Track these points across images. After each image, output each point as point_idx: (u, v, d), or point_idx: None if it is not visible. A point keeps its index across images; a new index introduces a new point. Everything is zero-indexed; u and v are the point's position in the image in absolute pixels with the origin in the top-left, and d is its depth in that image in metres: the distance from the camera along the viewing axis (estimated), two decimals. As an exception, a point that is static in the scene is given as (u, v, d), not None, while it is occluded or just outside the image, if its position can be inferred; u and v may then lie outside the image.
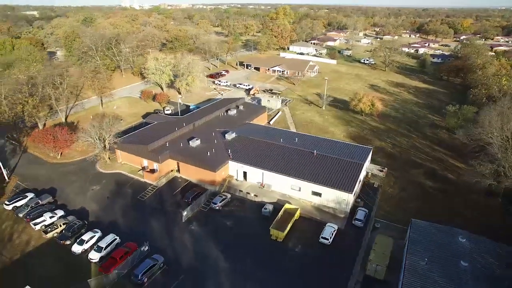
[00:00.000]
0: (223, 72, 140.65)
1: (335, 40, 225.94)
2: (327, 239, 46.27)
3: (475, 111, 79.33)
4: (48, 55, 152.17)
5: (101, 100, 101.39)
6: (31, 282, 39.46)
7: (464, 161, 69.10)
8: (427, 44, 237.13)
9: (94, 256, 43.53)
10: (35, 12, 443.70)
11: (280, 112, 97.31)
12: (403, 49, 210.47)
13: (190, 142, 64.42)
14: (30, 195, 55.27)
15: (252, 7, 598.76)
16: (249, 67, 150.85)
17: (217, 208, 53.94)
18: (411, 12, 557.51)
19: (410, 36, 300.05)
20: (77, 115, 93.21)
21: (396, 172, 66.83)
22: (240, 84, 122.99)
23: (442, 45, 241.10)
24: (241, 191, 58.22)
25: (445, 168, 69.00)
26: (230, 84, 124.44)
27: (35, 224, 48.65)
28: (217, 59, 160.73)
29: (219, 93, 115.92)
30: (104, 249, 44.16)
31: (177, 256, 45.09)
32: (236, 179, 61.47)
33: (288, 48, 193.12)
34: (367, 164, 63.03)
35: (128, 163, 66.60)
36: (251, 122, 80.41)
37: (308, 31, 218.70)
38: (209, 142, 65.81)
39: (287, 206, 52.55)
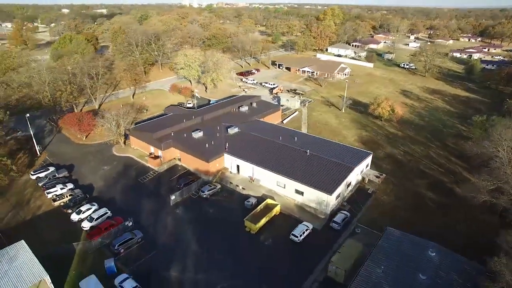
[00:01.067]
0: (253, 71, 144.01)
1: (378, 42, 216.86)
2: (297, 237, 47.11)
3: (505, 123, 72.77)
4: (101, 49, 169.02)
5: (135, 91, 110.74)
6: (32, 239, 46.28)
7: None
8: (485, 49, 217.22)
9: (86, 225, 49.55)
10: (104, 10, 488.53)
11: (296, 112, 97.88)
12: (454, 54, 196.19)
13: (193, 133, 68.73)
14: (52, 169, 63.77)
15: (308, 7, 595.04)
16: (280, 67, 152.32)
17: (204, 196, 57.36)
18: (483, 13, 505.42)
19: (469, 40, 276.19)
20: (110, 103, 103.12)
21: (397, 180, 64.52)
22: (266, 83, 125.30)
23: (506, 50, 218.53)
24: (231, 183, 61.00)
25: (455, 181, 64.72)
26: (257, 83, 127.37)
27: (48, 193, 56.43)
28: (253, 58, 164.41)
29: (243, 90, 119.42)
30: (95, 220, 49.99)
31: (156, 234, 49.38)
32: (230, 172, 64.38)
33: (327, 50, 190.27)
34: (363, 168, 61.98)
35: (139, 149, 72.95)
36: (261, 119, 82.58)
37: (351, 32, 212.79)
38: (211, 135, 69.51)
39: (268, 201, 54.15)
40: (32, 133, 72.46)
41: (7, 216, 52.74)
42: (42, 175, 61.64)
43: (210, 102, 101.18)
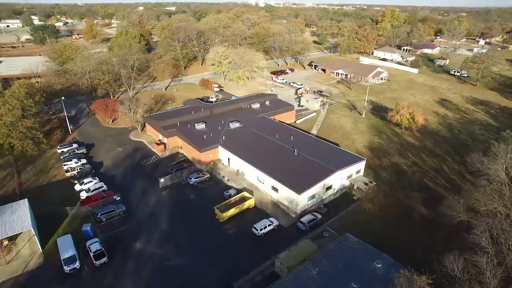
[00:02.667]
0: (287, 71, 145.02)
1: (434, 47, 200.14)
2: (257, 230, 48.74)
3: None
4: (155, 44, 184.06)
5: (169, 84, 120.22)
6: (40, 200, 55.34)
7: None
8: None
9: (83, 194, 57.22)
10: (173, 8, 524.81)
11: (314, 114, 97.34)
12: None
13: (196, 124, 73.57)
14: (75, 145, 73.87)
15: (378, 8, 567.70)
16: (317, 68, 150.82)
17: (191, 183, 61.68)
18: None
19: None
20: (144, 93, 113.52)
21: (391, 191, 61.76)
22: (294, 83, 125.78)
23: None
24: (219, 174, 64.42)
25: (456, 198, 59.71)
26: (285, 82, 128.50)
27: (64, 165, 65.85)
28: (293, 58, 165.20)
29: (270, 89, 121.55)
30: (91, 192, 57.41)
31: (137, 210, 55.01)
32: (222, 164, 67.77)
33: (372, 53, 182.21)
34: (352, 173, 60.55)
35: (152, 135, 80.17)
36: (271, 117, 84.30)
37: (404, 35, 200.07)
38: (213, 127, 73.61)
39: (244, 194, 56.37)
40: (65, 114, 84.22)
41: (30, 180, 63.15)
42: (65, 149, 71.80)
43: (231, 98, 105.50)
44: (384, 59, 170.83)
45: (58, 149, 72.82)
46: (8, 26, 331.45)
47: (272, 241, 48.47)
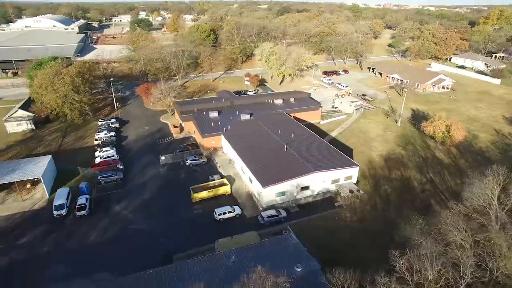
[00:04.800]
0: (340, 72, 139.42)
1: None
2: (216, 214, 50.88)
3: None
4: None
5: (220, 75, 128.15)
6: (66, 159, 67.38)
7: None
8: None
9: (97, 160, 67.33)
10: (265, 6, 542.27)
11: (344, 116, 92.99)
12: None
13: (210, 113, 78.30)
14: (112, 120, 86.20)
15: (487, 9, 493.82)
16: (374, 71, 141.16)
17: (187, 164, 66.74)
18: None
19: None
20: (193, 82, 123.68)
21: (383, 206, 56.62)
22: (339, 84, 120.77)
23: None
24: (215, 160, 67.99)
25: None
26: (332, 83, 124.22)
27: (96, 135, 77.87)
28: (354, 59, 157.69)
29: (314, 88, 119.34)
30: (104, 158, 67.16)
31: (132, 180, 62.43)
32: (222, 152, 71.09)
33: (449, 59, 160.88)
34: (338, 178, 57.50)
35: (178, 119, 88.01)
36: (292, 114, 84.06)
37: (502, 40, 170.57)
38: (225, 117, 77.36)
39: (223, 180, 58.83)
40: (114, 94, 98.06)
41: (68, 142, 76.77)
42: (103, 123, 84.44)
43: (268, 92, 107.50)
44: (462, 67, 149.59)
45: (99, 122, 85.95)
46: (120, 20, 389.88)
47: (229, 227, 49.94)
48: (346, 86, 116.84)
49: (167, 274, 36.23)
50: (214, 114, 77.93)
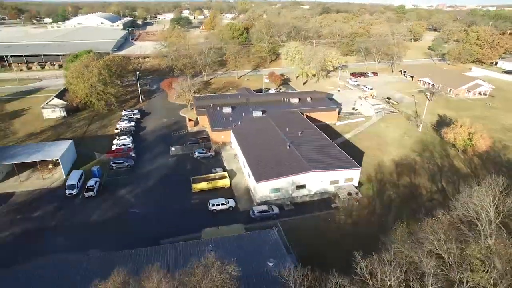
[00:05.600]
0: (369, 74, 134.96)
1: None
2: (209, 205, 52.41)
3: None
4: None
5: (246, 73, 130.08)
6: (88, 145, 72.96)
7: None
8: None
9: (113, 147, 72.06)
10: (307, 6, 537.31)
11: (362, 119, 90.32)
12: None
13: (223, 108, 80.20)
14: (135, 111, 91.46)
15: None
16: (405, 74, 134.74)
17: (195, 156, 69.17)
18: None
19: None
20: (218, 78, 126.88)
21: (382, 211, 54.65)
22: (364, 86, 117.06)
23: None
24: (221, 154, 69.70)
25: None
26: (358, 85, 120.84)
27: (117, 124, 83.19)
28: (387, 62, 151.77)
29: (338, 89, 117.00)
30: (119, 146, 71.74)
31: (142, 167, 66.09)
32: (231, 146, 72.59)
33: (495, 64, 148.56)
34: (338, 179, 56.41)
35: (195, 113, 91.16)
36: (305, 113, 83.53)
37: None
38: (237, 113, 78.81)
39: (224, 174, 60.25)
40: (139, 87, 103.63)
41: (93, 130, 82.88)
42: (126, 113, 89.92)
43: (288, 91, 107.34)
44: (509, 72, 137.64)
45: (123, 112, 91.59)
46: (164, 18, 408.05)
47: (221, 218, 51.28)
48: (371, 89, 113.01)
49: (147, 254, 38.40)
50: (227, 110, 79.72)
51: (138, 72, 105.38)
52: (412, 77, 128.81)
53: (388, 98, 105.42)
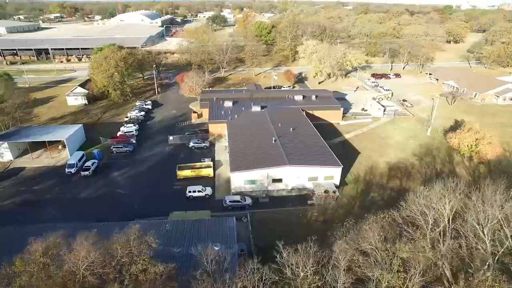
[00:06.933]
0: (391, 75, 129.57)
1: None
2: (187, 192, 54.84)
3: None
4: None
5: (265, 70, 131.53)
6: (98, 130, 79.17)
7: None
8: None
9: (118, 133, 77.41)
10: (350, 7, 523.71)
11: (369, 120, 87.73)
12: None
13: (225, 102, 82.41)
14: (148, 102, 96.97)
15: None
16: (431, 77, 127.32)
17: (190, 146, 72.19)
18: None
19: None
20: (236, 75, 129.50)
21: (359, 212, 52.91)
22: (382, 87, 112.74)
23: None
24: (215, 144, 71.97)
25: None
26: (376, 85, 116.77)
27: (129, 113, 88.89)
28: (414, 63, 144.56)
29: (353, 89, 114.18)
30: (125, 132, 76.91)
31: (140, 153, 70.44)
32: (225, 139, 74.56)
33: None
34: (316, 176, 55.99)
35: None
36: (311, 111, 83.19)
37: None
38: (238, 107, 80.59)
39: (209, 163, 62.45)
40: (155, 80, 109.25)
41: (106, 117, 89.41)
42: (139, 103, 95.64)
43: (297, 89, 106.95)
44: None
45: (136, 103, 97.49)
46: (204, 16, 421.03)
47: (195, 205, 53.42)
48: (388, 90, 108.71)
49: (110, 228, 41.57)
50: (228, 104, 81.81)
51: (155, 66, 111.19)
52: (437, 79, 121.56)
53: (404, 100, 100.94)
